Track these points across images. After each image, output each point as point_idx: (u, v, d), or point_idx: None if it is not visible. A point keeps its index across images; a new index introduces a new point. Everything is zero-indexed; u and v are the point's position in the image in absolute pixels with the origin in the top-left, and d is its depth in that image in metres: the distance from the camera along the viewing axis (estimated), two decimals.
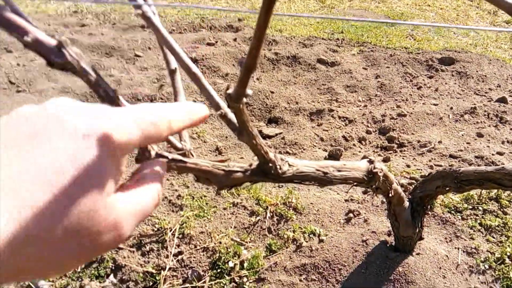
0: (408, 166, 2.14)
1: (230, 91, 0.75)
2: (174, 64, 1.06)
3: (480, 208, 1.79)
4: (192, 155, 0.99)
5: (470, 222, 1.74)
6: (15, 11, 0.56)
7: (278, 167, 0.91)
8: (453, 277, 1.52)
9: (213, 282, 1.56)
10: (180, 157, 0.82)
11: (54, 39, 0.59)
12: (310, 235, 1.71)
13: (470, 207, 1.81)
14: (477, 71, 3.12)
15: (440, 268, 1.53)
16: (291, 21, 3.95)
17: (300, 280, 1.57)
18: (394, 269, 1.51)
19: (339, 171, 0.95)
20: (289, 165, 0.93)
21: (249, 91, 0.72)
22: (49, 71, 3.09)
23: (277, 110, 2.62)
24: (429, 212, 1.79)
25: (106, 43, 3.47)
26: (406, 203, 1.44)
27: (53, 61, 0.60)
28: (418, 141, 2.36)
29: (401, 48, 3.49)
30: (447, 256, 1.57)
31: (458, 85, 2.99)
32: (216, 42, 3.51)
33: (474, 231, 1.71)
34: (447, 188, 1.36)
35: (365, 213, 1.79)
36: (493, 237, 1.68)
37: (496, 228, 1.71)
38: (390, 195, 1.31)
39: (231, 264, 1.61)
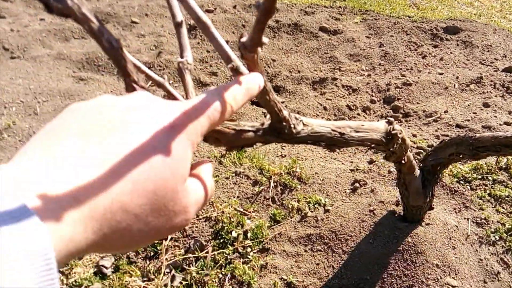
0: (414, 135, 2.08)
1: (244, 39, 0.68)
2: (180, 16, 0.98)
3: (490, 178, 1.74)
4: None
5: (480, 193, 1.70)
6: None
7: (292, 126, 0.85)
8: (463, 248, 1.48)
9: (216, 252, 1.51)
10: None
11: None
12: (315, 205, 1.66)
13: (479, 177, 1.76)
14: (482, 41, 3.04)
15: (450, 238, 1.48)
16: None
17: (305, 251, 1.53)
18: (403, 240, 1.46)
19: (357, 131, 0.89)
20: (304, 124, 0.86)
21: (265, 39, 0.64)
22: (44, 36, 2.98)
23: (279, 79, 2.54)
24: (438, 182, 1.74)
25: (102, 9, 3.34)
26: (417, 172, 1.39)
27: (51, 5, 0.52)
28: (424, 111, 2.30)
29: (405, 17, 3.39)
30: (456, 226, 1.53)
31: (463, 54, 2.91)
32: (215, 9, 3.39)
33: (483, 201, 1.67)
34: (460, 156, 1.31)
35: (371, 183, 1.74)
36: (503, 208, 1.64)
37: (506, 198, 1.66)
38: (403, 161, 1.25)
39: (234, 234, 1.57)
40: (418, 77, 2.55)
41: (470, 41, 3.03)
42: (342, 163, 1.89)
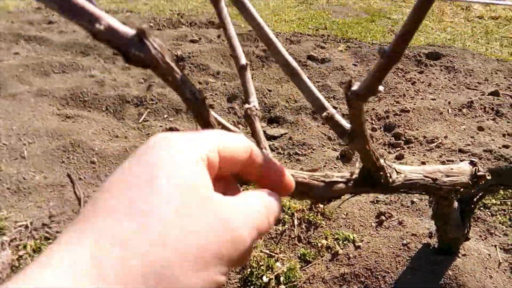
0: (423, 163, 2.09)
1: (356, 87, 0.64)
2: (243, 60, 0.93)
3: (508, 203, 1.76)
4: None
5: (500, 218, 1.71)
6: None
7: (388, 175, 0.81)
8: (498, 276, 1.47)
9: None
10: None
11: (132, 27, 0.45)
12: (345, 242, 1.61)
13: (498, 202, 1.78)
14: (463, 66, 3.15)
15: (486, 268, 1.47)
16: (271, 17, 3.85)
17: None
18: (443, 273, 1.44)
19: (448, 176, 0.86)
20: (397, 172, 0.83)
21: (381, 88, 0.60)
22: (21, 72, 2.83)
23: (277, 109, 2.51)
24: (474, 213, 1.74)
25: (80, 41, 3.23)
26: (455, 204, 1.37)
27: (131, 54, 0.45)
28: (424, 137, 2.33)
29: (386, 44, 3.46)
30: (489, 255, 1.53)
31: (448, 79, 3.00)
32: (200, 39, 3.35)
33: (505, 226, 1.68)
34: (501, 186, 1.31)
35: (397, 215, 1.71)
36: None
37: None
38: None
39: (265, 279, 1.49)
40: (414, 104, 2.59)
41: (453, 66, 3.13)
42: (361, 196, 1.86)
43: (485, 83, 2.95)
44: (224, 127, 0.84)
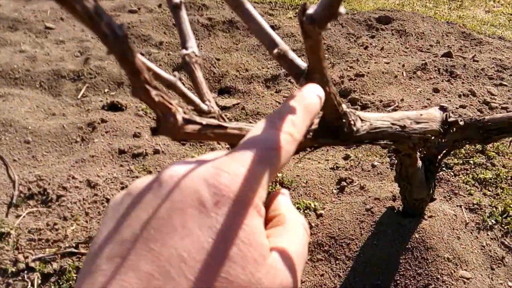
0: None
1: (311, 11, 0.50)
2: None
3: (471, 162, 1.72)
4: (224, 119, 0.72)
5: (464, 178, 1.66)
6: None
7: (352, 122, 0.69)
8: (465, 236, 1.42)
9: None
10: (217, 122, 0.57)
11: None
12: (306, 211, 1.51)
13: (460, 162, 1.73)
14: (414, 29, 3.11)
15: (453, 229, 1.42)
16: None
17: (306, 262, 1.38)
18: (410, 236, 1.37)
19: (417, 123, 0.75)
20: (362, 119, 0.71)
21: (342, 9, 0.47)
22: None
23: (228, 79, 2.36)
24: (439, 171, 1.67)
25: (7, 15, 2.92)
26: (419, 163, 1.29)
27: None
28: (381, 101, 2.26)
29: None
30: (455, 215, 1.47)
31: (400, 43, 2.95)
32: (139, 9, 3.12)
33: (469, 186, 1.63)
34: (467, 141, 1.23)
35: (358, 180, 1.63)
36: (489, 191, 1.61)
37: (489, 181, 1.64)
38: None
39: None
40: (368, 68, 2.51)
41: (404, 30, 3.08)
42: (319, 162, 1.77)
43: (437, 46, 2.92)
44: (156, 75, 0.68)
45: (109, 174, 1.69)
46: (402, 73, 2.51)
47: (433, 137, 0.80)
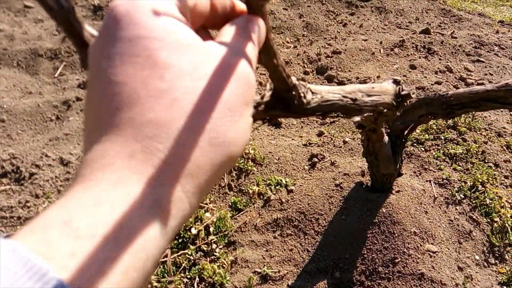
0: None
1: None
2: None
3: (442, 137, 1.73)
4: None
5: (434, 153, 1.68)
6: None
7: (302, 95, 0.69)
8: (433, 211, 1.44)
9: (176, 255, 1.32)
10: None
11: None
12: (277, 187, 1.52)
13: (431, 137, 1.74)
14: (394, 6, 3.09)
15: (420, 203, 1.44)
16: None
17: (275, 238, 1.39)
18: (377, 211, 1.39)
19: (369, 96, 0.76)
20: (312, 92, 0.71)
21: None
22: None
23: None
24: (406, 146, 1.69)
25: None
26: (386, 138, 1.30)
27: None
28: (357, 78, 2.26)
29: None
30: (423, 190, 1.49)
31: (380, 20, 2.93)
32: None
33: (440, 161, 1.65)
34: (431, 116, 1.24)
35: (329, 156, 1.64)
36: (460, 166, 1.63)
37: (460, 156, 1.66)
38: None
39: (194, 231, 1.38)
40: (346, 45, 2.50)
41: (384, 7, 3.06)
42: (293, 139, 1.77)
43: (416, 22, 2.91)
44: None
45: (82, 152, 1.68)
46: (380, 50, 2.51)
47: (385, 110, 0.80)
